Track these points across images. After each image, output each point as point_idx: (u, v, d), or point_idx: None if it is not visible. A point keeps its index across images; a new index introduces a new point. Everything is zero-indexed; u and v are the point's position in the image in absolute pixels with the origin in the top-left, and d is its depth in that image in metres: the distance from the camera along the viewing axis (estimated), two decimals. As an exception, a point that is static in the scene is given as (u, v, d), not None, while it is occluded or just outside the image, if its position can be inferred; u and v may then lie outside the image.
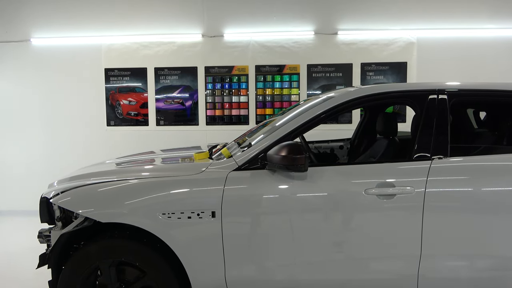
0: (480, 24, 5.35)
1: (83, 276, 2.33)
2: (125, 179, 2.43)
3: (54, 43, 5.69)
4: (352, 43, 5.49)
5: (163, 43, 5.63)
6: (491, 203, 2.28)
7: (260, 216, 2.26)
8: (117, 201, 2.32)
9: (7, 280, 3.60)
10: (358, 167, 2.48)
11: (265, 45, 5.55)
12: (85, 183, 2.47)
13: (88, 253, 2.33)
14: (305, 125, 2.41)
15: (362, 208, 2.27)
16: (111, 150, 5.57)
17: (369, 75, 5.50)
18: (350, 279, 2.33)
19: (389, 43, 5.44)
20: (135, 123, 5.75)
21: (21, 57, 5.73)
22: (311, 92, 5.53)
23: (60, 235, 2.32)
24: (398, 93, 2.56)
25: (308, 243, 2.29)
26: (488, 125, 3.72)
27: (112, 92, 5.73)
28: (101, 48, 5.68)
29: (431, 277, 2.30)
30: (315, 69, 5.54)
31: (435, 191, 2.25)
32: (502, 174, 2.33)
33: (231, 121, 5.64)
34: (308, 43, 5.53)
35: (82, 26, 5.63)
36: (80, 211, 2.35)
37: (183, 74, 5.64)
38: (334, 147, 3.98)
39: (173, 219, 2.24)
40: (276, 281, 2.34)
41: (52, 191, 2.54)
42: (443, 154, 2.35)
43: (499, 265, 2.30)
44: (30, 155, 5.81)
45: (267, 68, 5.58)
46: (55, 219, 2.57)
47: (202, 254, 2.29)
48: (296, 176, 2.28)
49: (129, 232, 2.36)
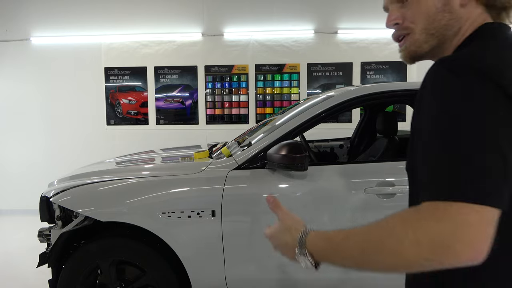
0: (480, 23, 5.35)
1: (83, 275, 2.33)
2: (125, 178, 2.43)
3: (54, 42, 5.68)
4: (352, 42, 5.48)
5: (163, 42, 5.63)
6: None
7: (260, 215, 2.26)
8: (117, 200, 2.32)
9: (7, 279, 3.60)
10: (358, 166, 2.49)
11: (265, 44, 5.55)
12: (85, 182, 2.47)
13: (88, 252, 2.34)
14: (305, 124, 2.40)
15: (362, 207, 2.27)
16: (111, 149, 5.57)
17: (369, 74, 5.50)
18: (350, 278, 2.33)
19: (390, 42, 5.44)
20: (135, 122, 5.75)
21: (21, 56, 5.72)
22: (311, 91, 5.53)
23: (60, 234, 2.32)
24: (398, 92, 2.56)
25: (308, 242, 2.29)
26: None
27: (112, 91, 5.73)
28: (101, 47, 5.68)
29: (431, 276, 2.30)
30: (315, 68, 5.54)
31: (435, 190, 2.25)
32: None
33: (231, 120, 5.64)
34: (308, 42, 5.53)
35: (82, 25, 5.63)
36: (80, 210, 2.35)
37: (183, 73, 5.64)
38: (334, 146, 3.98)
39: (173, 218, 2.24)
40: (276, 280, 2.34)
41: (52, 190, 2.54)
42: (443, 153, 2.34)
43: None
44: (30, 154, 5.81)
45: (267, 67, 5.58)
46: (55, 218, 2.57)
47: (202, 253, 2.29)
48: (296, 175, 2.28)
49: (129, 231, 2.36)
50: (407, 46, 0.92)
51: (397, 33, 0.93)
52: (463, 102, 0.69)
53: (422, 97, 0.77)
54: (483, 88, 0.69)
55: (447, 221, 0.65)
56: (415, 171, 0.80)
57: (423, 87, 0.78)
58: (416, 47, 0.90)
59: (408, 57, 0.95)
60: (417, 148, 0.77)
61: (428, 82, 0.76)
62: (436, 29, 0.86)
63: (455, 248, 0.64)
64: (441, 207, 0.67)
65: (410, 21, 0.89)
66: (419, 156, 0.75)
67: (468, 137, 0.68)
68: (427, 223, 0.67)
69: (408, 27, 0.90)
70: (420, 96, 0.78)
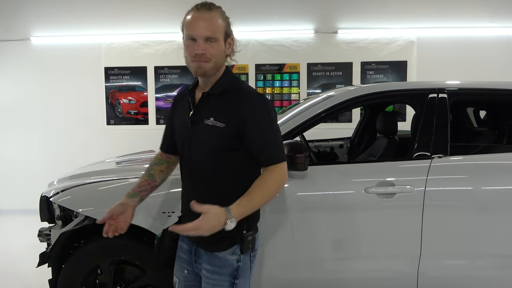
0: (480, 23, 5.35)
1: (83, 275, 2.34)
2: (125, 178, 2.43)
3: (54, 41, 5.68)
4: (352, 42, 5.48)
5: (163, 41, 5.62)
6: (491, 202, 2.28)
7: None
8: (117, 200, 2.32)
9: (7, 278, 3.60)
10: (358, 166, 2.49)
11: (265, 43, 5.55)
12: (85, 182, 2.48)
13: (88, 252, 2.34)
14: (305, 124, 2.41)
15: (362, 207, 2.27)
16: (111, 149, 5.54)
17: (369, 74, 5.49)
18: (350, 278, 2.33)
19: (389, 42, 5.44)
20: (135, 122, 5.75)
21: (21, 55, 5.72)
22: (311, 91, 5.53)
23: (60, 234, 2.32)
24: (398, 92, 2.56)
25: (308, 242, 2.30)
26: (488, 124, 3.72)
27: (112, 91, 5.73)
28: (101, 46, 5.67)
29: (431, 276, 2.30)
30: (315, 68, 5.54)
31: (435, 190, 2.25)
32: (502, 173, 2.33)
33: (231, 120, 5.62)
34: (308, 42, 5.52)
35: (82, 24, 5.62)
36: (80, 210, 2.35)
37: (183, 73, 5.63)
38: (334, 146, 3.98)
39: (173, 218, 2.24)
40: (276, 279, 2.34)
41: (52, 190, 2.54)
42: (443, 153, 2.34)
43: (499, 264, 2.31)
44: (30, 153, 5.81)
45: (267, 67, 5.58)
46: (55, 218, 2.57)
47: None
48: (296, 175, 2.27)
49: (129, 231, 2.36)
50: (202, 66, 1.51)
51: (199, 58, 1.49)
52: (274, 113, 1.57)
53: (256, 112, 1.53)
54: (269, 104, 1.57)
55: (283, 172, 1.53)
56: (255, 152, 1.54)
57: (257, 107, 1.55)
58: (207, 70, 1.52)
59: (199, 73, 1.53)
60: (256, 139, 1.52)
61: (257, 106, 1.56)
62: (220, 63, 1.56)
63: (285, 181, 1.56)
64: (280, 165, 1.52)
65: (210, 54, 1.50)
66: (260, 143, 1.52)
67: (278, 131, 1.58)
68: (281, 175, 1.52)
69: (208, 58, 1.50)
70: (253, 112, 1.53)
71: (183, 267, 1.70)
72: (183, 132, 1.61)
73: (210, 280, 1.56)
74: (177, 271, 1.73)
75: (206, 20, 1.48)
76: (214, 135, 1.51)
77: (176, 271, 1.74)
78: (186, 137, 1.60)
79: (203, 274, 1.60)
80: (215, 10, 1.52)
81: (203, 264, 1.59)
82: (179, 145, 1.65)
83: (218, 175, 1.55)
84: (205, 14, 1.50)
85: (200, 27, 1.47)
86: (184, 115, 1.61)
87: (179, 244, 1.72)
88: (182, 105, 1.66)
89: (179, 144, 1.65)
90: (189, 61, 1.52)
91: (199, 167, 1.57)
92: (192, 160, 1.59)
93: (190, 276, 1.69)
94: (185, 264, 1.69)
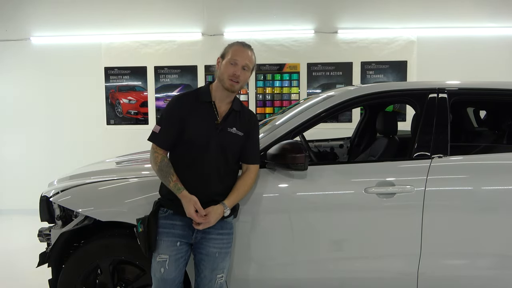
0: (480, 23, 5.35)
1: (83, 275, 2.33)
2: (125, 178, 2.43)
3: (54, 41, 5.68)
4: (352, 42, 5.48)
5: (163, 41, 5.63)
6: (490, 202, 2.28)
7: (260, 215, 2.26)
8: (117, 200, 2.32)
9: (7, 278, 3.60)
10: (358, 166, 2.49)
11: (265, 43, 5.55)
12: (85, 182, 2.48)
13: (88, 252, 2.34)
14: (305, 124, 2.40)
15: (362, 207, 2.27)
16: (111, 149, 5.54)
17: (369, 73, 5.50)
18: (350, 278, 2.33)
19: (389, 41, 5.44)
20: (135, 122, 5.75)
21: (20, 55, 5.72)
22: (311, 91, 5.53)
23: (60, 234, 2.32)
24: (398, 92, 2.56)
25: (308, 241, 2.30)
26: (488, 124, 3.72)
27: (112, 90, 5.73)
28: (101, 46, 5.67)
29: (431, 276, 2.30)
30: (315, 68, 5.54)
31: (435, 190, 2.25)
32: (501, 173, 2.33)
33: (231, 120, 5.62)
34: (308, 42, 5.53)
35: (82, 24, 5.63)
36: (80, 210, 2.35)
37: (183, 72, 5.64)
38: (334, 146, 3.98)
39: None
40: (276, 279, 2.34)
41: (52, 189, 2.54)
42: (443, 153, 2.34)
43: (499, 264, 2.30)
44: (30, 153, 5.81)
45: (267, 67, 5.58)
46: (55, 218, 2.57)
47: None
48: (296, 175, 2.28)
49: (129, 230, 2.36)
50: (234, 85, 2.01)
51: (236, 78, 2.00)
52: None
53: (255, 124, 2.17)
54: None
55: (257, 171, 2.17)
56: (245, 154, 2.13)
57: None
58: (236, 89, 2.03)
59: (231, 89, 2.02)
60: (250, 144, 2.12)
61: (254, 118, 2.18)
62: (243, 87, 2.13)
63: None
64: (257, 166, 2.16)
65: (242, 78, 2.03)
66: (254, 148, 2.14)
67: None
68: (256, 174, 2.15)
69: (240, 80, 2.02)
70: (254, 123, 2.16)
71: (175, 241, 2.02)
72: (209, 135, 2.01)
73: (224, 239, 2.08)
74: (167, 248, 2.01)
75: (248, 54, 2.04)
76: (235, 141, 2.05)
77: (165, 249, 2.01)
78: (211, 138, 2.00)
79: (212, 238, 2.04)
80: (252, 49, 2.09)
81: (214, 230, 2.03)
82: (198, 145, 2.01)
83: (228, 169, 2.07)
84: (248, 49, 2.06)
85: (243, 57, 2.02)
86: (209, 121, 2.03)
87: (170, 223, 2.03)
88: (201, 111, 2.04)
89: (199, 143, 2.01)
90: (225, 78, 2.00)
91: (217, 163, 2.02)
92: (212, 156, 2.00)
93: (182, 247, 2.03)
94: (179, 238, 2.02)
